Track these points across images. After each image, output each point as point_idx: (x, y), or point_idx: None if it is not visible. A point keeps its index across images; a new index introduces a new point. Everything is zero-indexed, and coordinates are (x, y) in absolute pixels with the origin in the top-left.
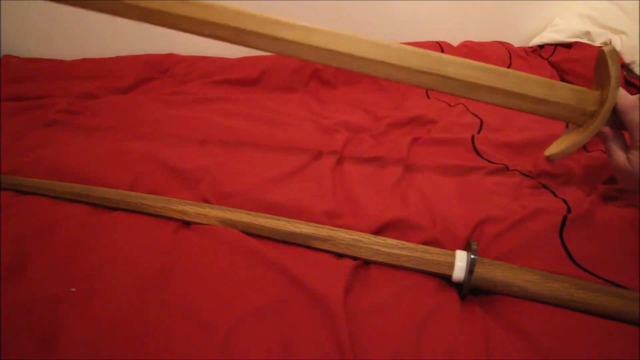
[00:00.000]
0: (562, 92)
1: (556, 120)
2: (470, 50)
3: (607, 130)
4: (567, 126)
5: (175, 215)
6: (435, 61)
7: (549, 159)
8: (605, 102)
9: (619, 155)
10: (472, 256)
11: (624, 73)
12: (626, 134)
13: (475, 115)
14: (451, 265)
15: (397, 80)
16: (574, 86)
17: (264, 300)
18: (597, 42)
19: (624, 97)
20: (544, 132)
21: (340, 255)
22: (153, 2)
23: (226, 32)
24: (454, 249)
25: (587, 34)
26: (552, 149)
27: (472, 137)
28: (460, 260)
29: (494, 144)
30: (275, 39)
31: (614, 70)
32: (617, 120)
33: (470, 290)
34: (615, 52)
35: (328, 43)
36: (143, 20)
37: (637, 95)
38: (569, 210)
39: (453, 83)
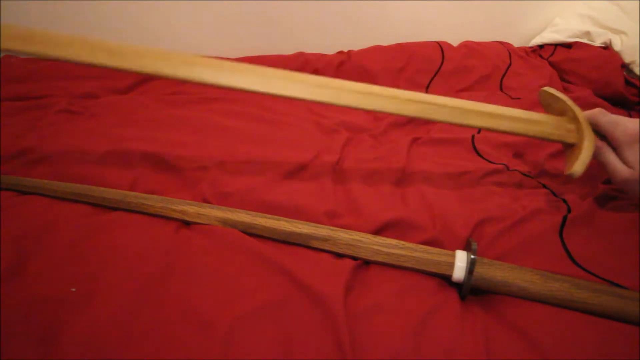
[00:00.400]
0: (542, 119)
1: None
2: (470, 50)
3: (600, 143)
4: None
5: (176, 215)
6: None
7: (573, 176)
8: (576, 116)
9: (621, 168)
10: (472, 256)
11: (624, 73)
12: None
13: None
14: (451, 265)
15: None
16: (548, 116)
17: (264, 300)
18: (597, 42)
19: (586, 114)
20: None
21: (340, 255)
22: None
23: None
24: (454, 249)
25: (587, 34)
26: (575, 167)
27: (472, 137)
28: (460, 260)
29: (494, 144)
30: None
31: (562, 96)
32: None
33: (470, 290)
34: (549, 89)
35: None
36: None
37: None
38: (569, 210)
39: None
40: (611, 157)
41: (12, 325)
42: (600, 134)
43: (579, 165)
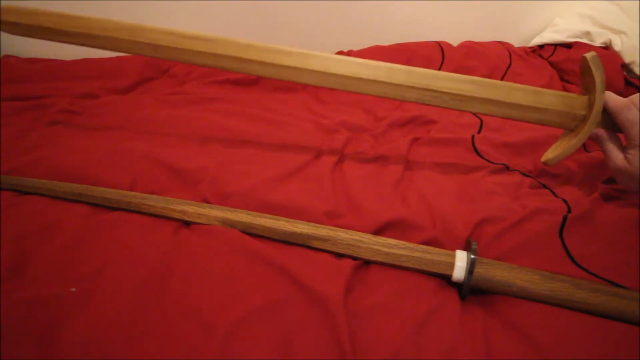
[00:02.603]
0: (551, 99)
1: None
2: (470, 50)
3: (601, 132)
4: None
5: (176, 215)
6: (424, 77)
7: (545, 164)
8: (593, 106)
9: (617, 156)
10: (472, 256)
11: (624, 73)
12: (622, 135)
13: (475, 115)
14: (451, 265)
15: (391, 97)
16: (562, 92)
17: (264, 300)
18: (597, 42)
19: (614, 99)
20: (544, 132)
21: (340, 255)
22: (163, 38)
23: (231, 62)
24: (454, 249)
25: (587, 34)
26: (548, 155)
27: (472, 137)
28: (460, 260)
29: (494, 143)
30: (276, 66)
31: (598, 76)
32: (611, 122)
33: (470, 290)
34: (597, 58)
35: (324, 66)
36: (155, 56)
37: (630, 97)
38: (569, 210)
39: (444, 97)
40: (610, 146)
41: (12, 325)
42: (612, 123)
43: (553, 158)
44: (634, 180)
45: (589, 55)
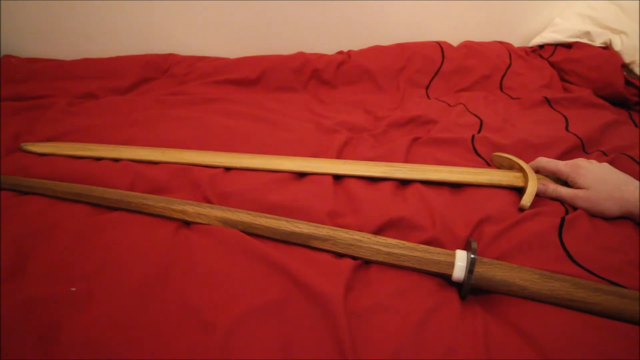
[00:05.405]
0: (498, 177)
1: (555, 122)
2: (470, 50)
3: (541, 186)
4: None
5: (176, 215)
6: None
7: (524, 208)
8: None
9: (562, 190)
10: (472, 256)
11: (624, 73)
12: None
13: (475, 115)
14: (451, 265)
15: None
16: (505, 172)
17: (264, 299)
18: (597, 42)
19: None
20: (543, 133)
21: (340, 255)
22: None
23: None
24: (453, 249)
25: (587, 34)
26: (523, 201)
27: (472, 137)
28: (460, 259)
29: (494, 144)
30: None
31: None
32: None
33: (470, 290)
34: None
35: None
36: None
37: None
38: (566, 211)
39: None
40: (554, 188)
41: (12, 325)
42: (550, 175)
43: (525, 199)
44: (594, 201)
45: (494, 155)
